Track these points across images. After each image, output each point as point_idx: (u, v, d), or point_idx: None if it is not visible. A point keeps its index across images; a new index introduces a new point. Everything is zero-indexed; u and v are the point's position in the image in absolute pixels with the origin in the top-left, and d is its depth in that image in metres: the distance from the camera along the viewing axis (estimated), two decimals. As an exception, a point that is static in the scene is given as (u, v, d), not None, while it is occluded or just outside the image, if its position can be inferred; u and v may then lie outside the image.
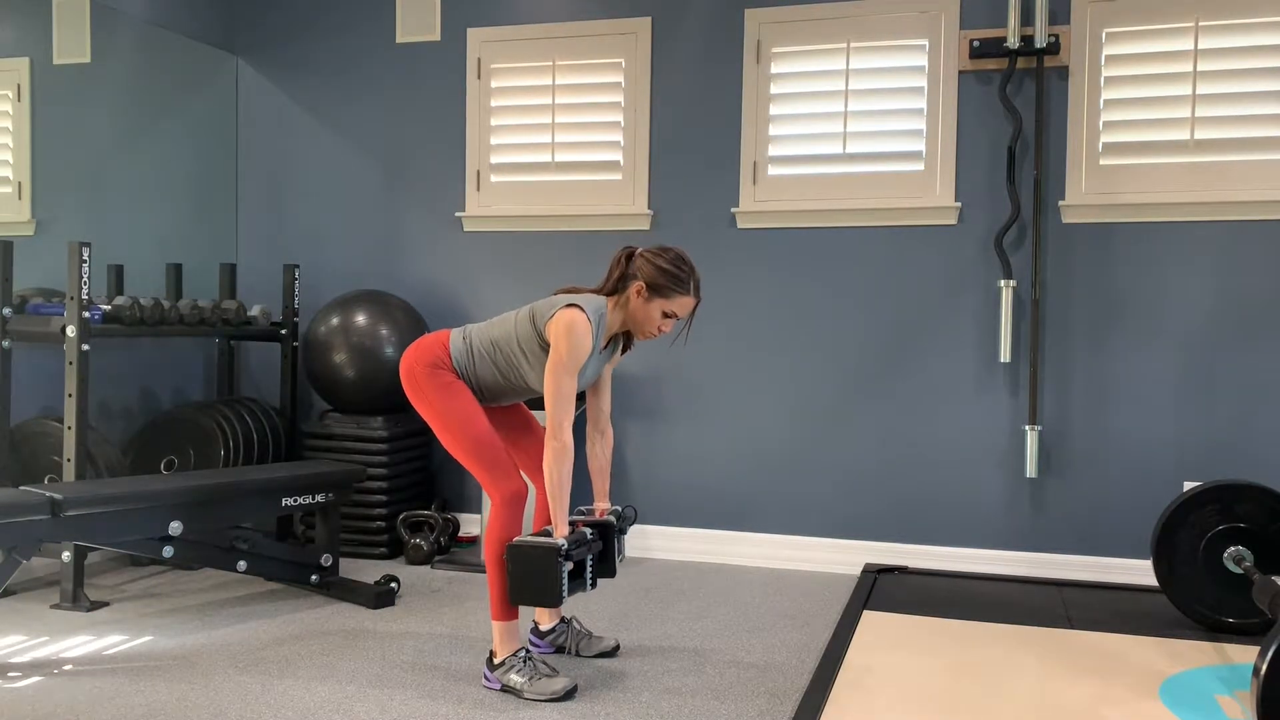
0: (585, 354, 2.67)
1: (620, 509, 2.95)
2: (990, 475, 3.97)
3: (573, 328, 2.64)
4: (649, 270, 2.73)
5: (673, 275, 2.73)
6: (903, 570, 3.96)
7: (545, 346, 2.71)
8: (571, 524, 2.75)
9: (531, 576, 2.58)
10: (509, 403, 2.94)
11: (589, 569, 2.72)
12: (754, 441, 4.21)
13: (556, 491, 2.64)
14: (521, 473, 2.85)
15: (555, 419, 2.64)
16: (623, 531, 2.92)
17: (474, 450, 2.73)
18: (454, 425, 2.73)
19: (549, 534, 2.65)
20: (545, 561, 2.57)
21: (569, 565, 2.61)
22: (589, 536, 2.72)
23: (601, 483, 2.99)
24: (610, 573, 2.87)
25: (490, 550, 2.73)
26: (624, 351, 2.96)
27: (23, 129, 3.93)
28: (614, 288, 2.79)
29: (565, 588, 2.59)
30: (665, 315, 2.76)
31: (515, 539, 2.64)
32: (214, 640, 3.12)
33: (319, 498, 3.55)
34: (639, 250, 2.79)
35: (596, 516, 2.91)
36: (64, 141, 4.06)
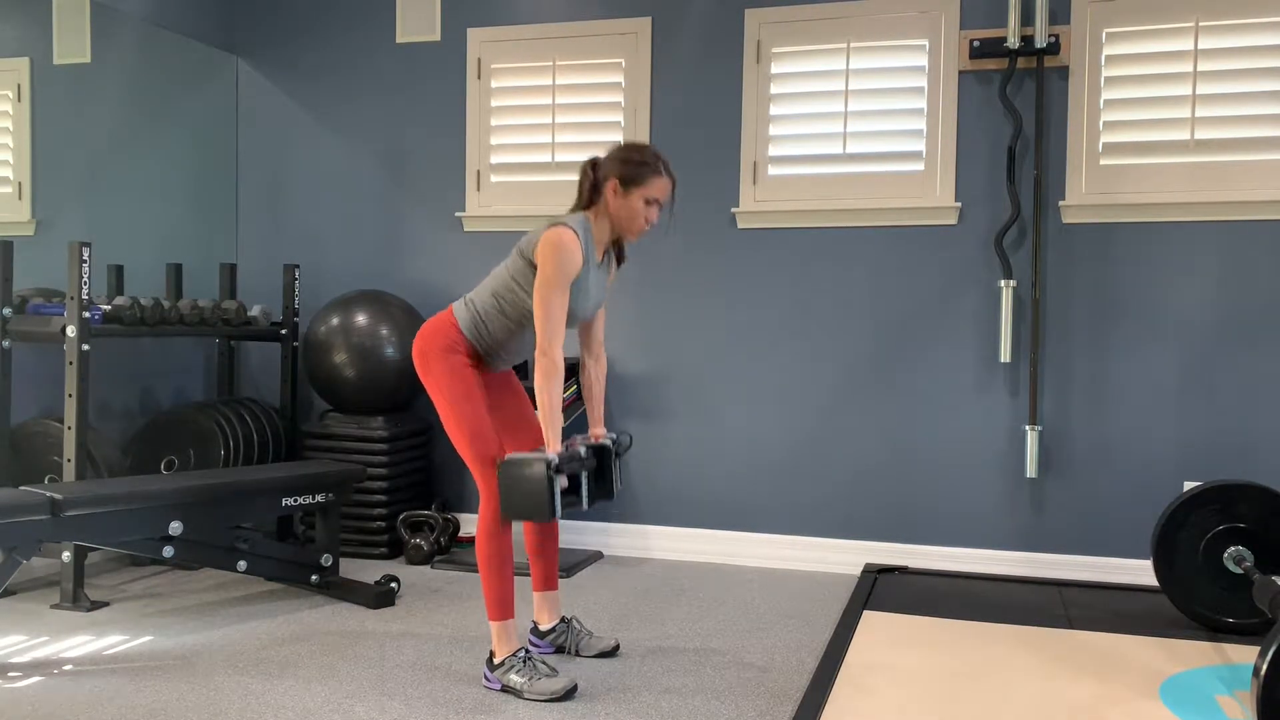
0: (575, 268, 2.67)
1: (616, 435, 2.94)
2: (990, 475, 3.97)
3: (558, 243, 2.65)
4: (616, 166, 2.75)
5: (639, 163, 2.75)
6: (903, 570, 3.96)
7: None
8: (566, 444, 2.75)
9: (522, 490, 2.56)
10: (527, 352, 2.88)
11: (584, 487, 2.71)
12: (754, 441, 4.21)
13: (546, 409, 2.63)
14: None
15: (545, 336, 2.63)
16: (619, 455, 2.90)
17: (471, 441, 2.73)
18: (457, 412, 2.74)
19: (542, 452, 2.63)
20: (536, 474, 2.55)
21: (561, 481, 2.60)
22: (582, 454, 2.70)
23: (596, 409, 2.97)
24: (609, 494, 2.86)
25: (481, 549, 2.72)
26: (619, 264, 2.94)
27: (23, 129, 3.93)
28: (589, 199, 2.80)
29: (557, 503, 2.57)
30: (647, 203, 2.76)
31: (508, 455, 2.63)
32: (214, 640, 3.12)
33: (319, 498, 3.55)
34: (599, 157, 2.80)
35: (592, 441, 2.88)
36: (64, 141, 4.05)
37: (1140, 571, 3.78)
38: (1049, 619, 3.33)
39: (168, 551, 3.22)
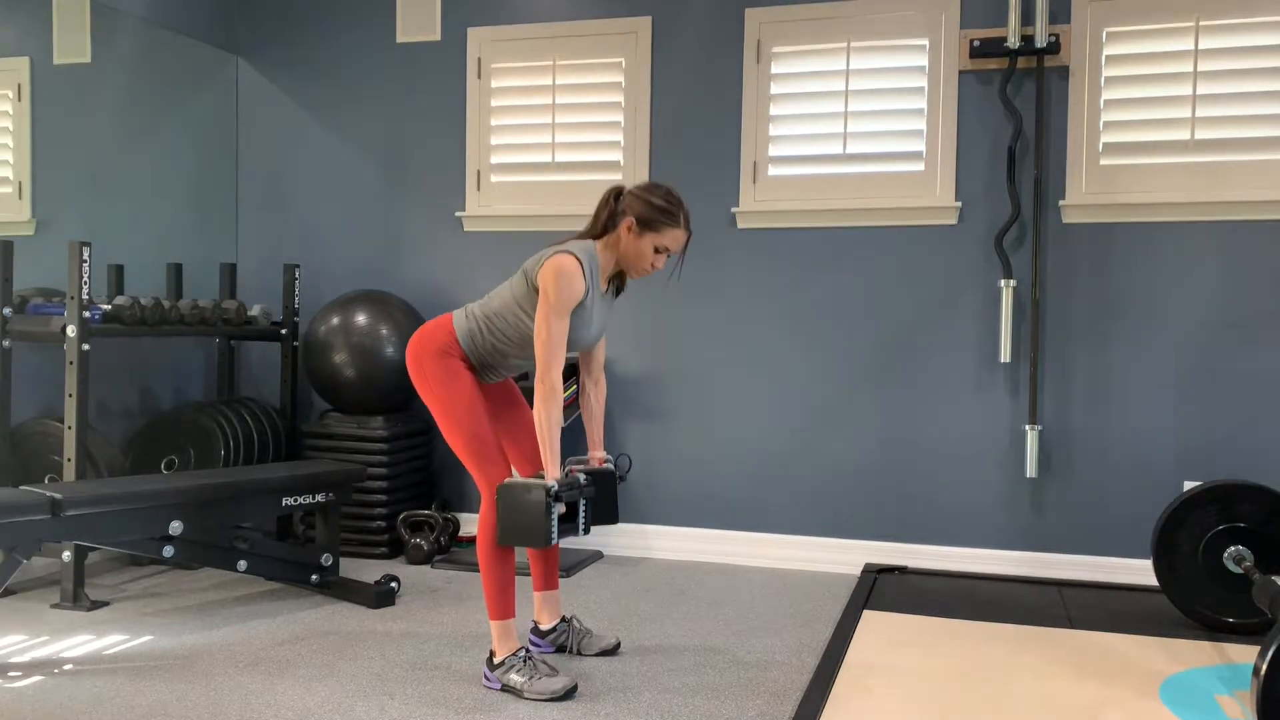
0: (577, 295, 2.66)
1: (615, 458, 2.94)
2: (990, 475, 3.97)
3: (561, 270, 2.63)
4: (638, 205, 2.73)
5: (663, 209, 2.72)
6: (903, 570, 3.96)
7: None
8: (566, 470, 2.75)
9: (520, 516, 2.57)
10: (521, 368, 2.90)
11: (582, 513, 2.71)
12: (754, 441, 4.21)
13: (545, 435, 2.63)
14: (514, 469, 2.85)
15: (544, 362, 2.63)
16: (622, 479, 2.91)
17: (469, 443, 2.73)
18: (454, 415, 2.74)
19: (541, 478, 2.64)
20: (534, 500, 2.55)
21: (559, 507, 2.60)
22: (581, 481, 2.71)
23: (596, 431, 2.97)
24: (612, 519, 2.86)
25: (482, 549, 2.72)
26: (618, 294, 2.94)
27: (23, 129, 3.93)
28: (603, 228, 2.78)
29: (555, 529, 2.58)
30: (657, 250, 2.75)
31: (506, 480, 2.63)
32: (214, 640, 3.12)
33: (319, 497, 3.55)
34: (626, 188, 2.78)
35: (592, 465, 2.90)
36: (64, 141, 4.05)
37: (1140, 571, 3.78)
38: (1049, 619, 3.33)
39: (168, 551, 3.22)
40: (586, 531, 2.75)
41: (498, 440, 2.79)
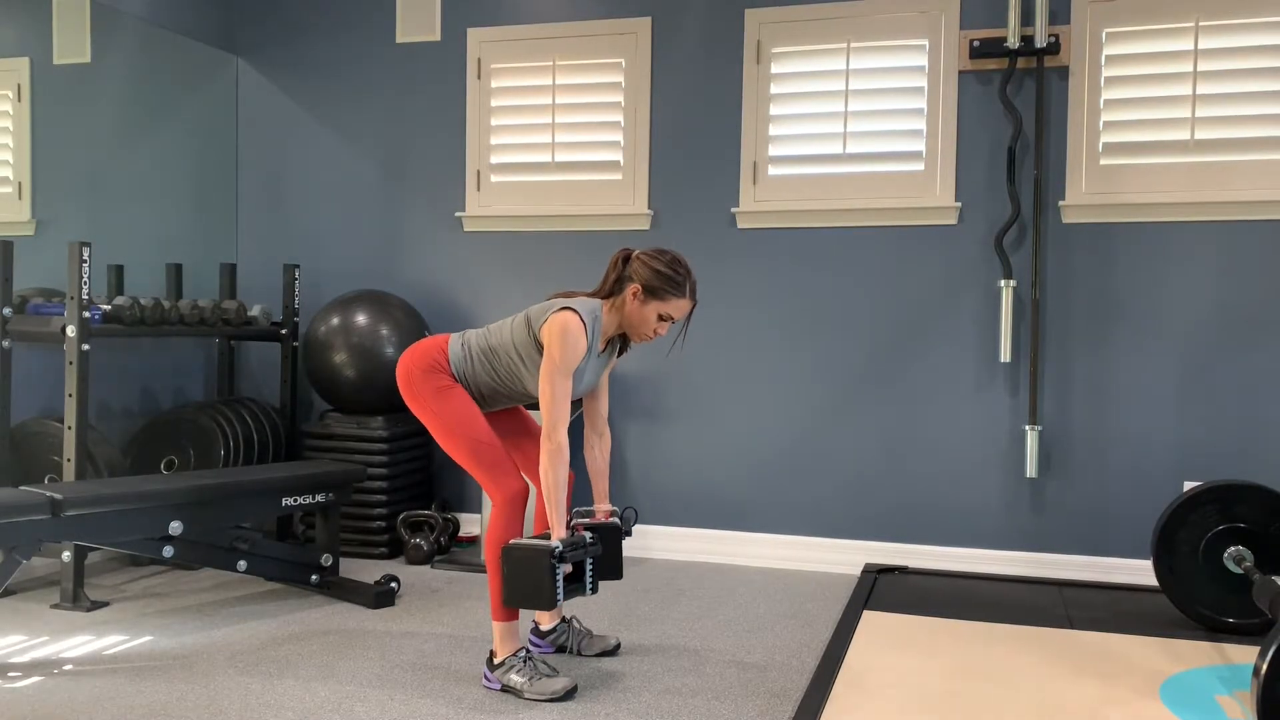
0: (579, 355, 2.66)
1: (621, 511, 2.95)
2: (990, 475, 3.97)
3: (566, 330, 2.64)
4: (645, 273, 2.73)
5: (669, 278, 2.73)
6: (903, 570, 3.96)
7: (541, 350, 2.71)
8: (572, 528, 2.75)
9: (525, 578, 2.58)
10: (507, 406, 2.94)
11: (588, 572, 2.71)
12: (754, 441, 4.21)
13: (552, 494, 2.64)
14: (522, 473, 2.85)
15: (550, 421, 2.63)
16: (628, 534, 2.92)
17: (473, 451, 2.73)
18: (452, 427, 2.73)
19: (548, 537, 2.64)
20: (538, 564, 2.56)
21: (565, 568, 2.60)
22: (587, 540, 2.70)
23: (601, 484, 2.99)
24: (617, 574, 2.87)
25: (490, 551, 2.73)
26: (620, 354, 2.96)
27: (23, 129, 3.93)
28: (610, 290, 2.79)
29: (560, 590, 2.58)
30: (661, 318, 2.76)
31: (510, 541, 2.63)
32: (214, 640, 3.12)
33: (319, 498, 3.55)
34: (636, 252, 2.79)
35: (598, 519, 2.91)
36: (64, 141, 4.05)
37: (1140, 571, 3.78)
38: (1049, 619, 3.33)
39: (168, 551, 3.22)
40: (594, 590, 2.73)
41: (500, 442, 2.79)
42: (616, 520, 2.90)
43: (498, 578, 2.73)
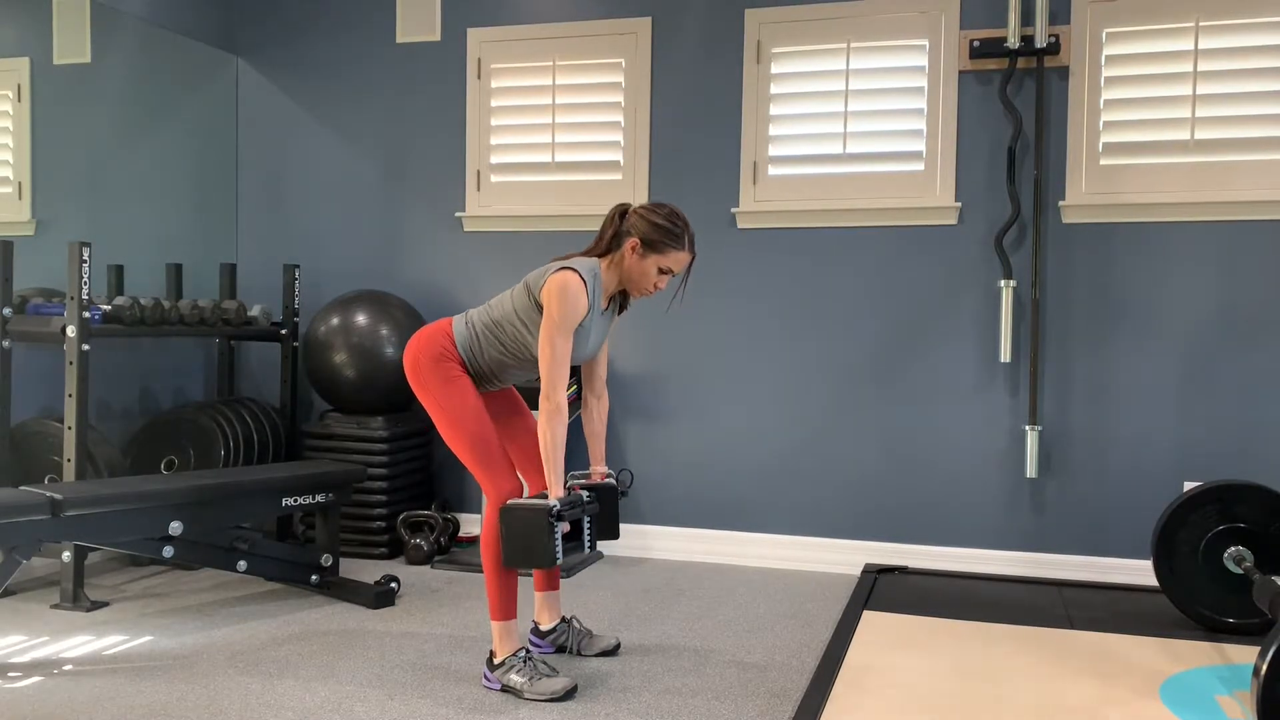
0: (580, 314, 2.66)
1: (617, 473, 2.95)
2: (990, 475, 3.97)
3: (565, 288, 2.63)
4: (643, 226, 2.72)
5: (667, 230, 2.72)
6: (903, 570, 3.96)
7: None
8: (569, 488, 2.75)
9: (524, 538, 2.57)
10: (518, 381, 2.91)
11: (586, 531, 2.71)
12: (754, 442, 4.21)
13: (550, 453, 2.63)
14: (517, 472, 2.85)
15: (549, 380, 2.63)
16: (624, 494, 2.92)
17: (472, 446, 2.73)
18: (455, 420, 2.73)
19: (544, 497, 2.64)
20: (536, 522, 2.55)
21: (563, 526, 2.60)
22: (584, 498, 2.71)
23: (597, 447, 2.98)
24: (614, 534, 2.87)
25: (486, 549, 2.73)
26: (620, 312, 2.94)
27: (23, 129, 3.93)
28: (607, 247, 2.78)
29: (559, 549, 2.58)
30: (661, 271, 2.75)
31: (509, 501, 2.63)
32: (214, 640, 3.12)
33: (319, 498, 3.55)
34: (632, 207, 2.78)
35: (594, 480, 2.90)
36: (64, 141, 4.05)
37: (1140, 571, 3.78)
38: (1049, 619, 3.33)
39: (168, 551, 3.22)
40: (593, 548, 2.75)
41: (501, 443, 2.79)
42: (613, 481, 2.89)
43: (494, 576, 2.73)
